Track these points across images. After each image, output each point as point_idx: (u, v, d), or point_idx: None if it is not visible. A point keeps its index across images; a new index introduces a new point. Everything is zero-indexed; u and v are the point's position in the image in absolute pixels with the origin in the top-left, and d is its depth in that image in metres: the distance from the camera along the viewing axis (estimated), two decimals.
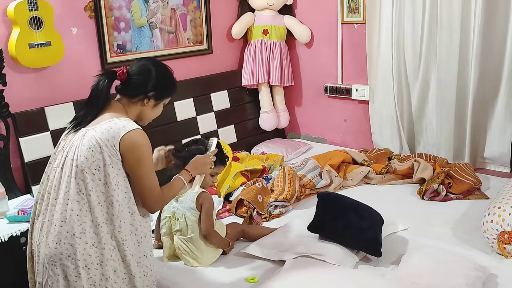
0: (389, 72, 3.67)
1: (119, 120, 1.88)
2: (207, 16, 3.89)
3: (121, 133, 1.83)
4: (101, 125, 1.86)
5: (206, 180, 2.38)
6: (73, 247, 1.79)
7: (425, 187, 3.07)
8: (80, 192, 1.81)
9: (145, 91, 1.97)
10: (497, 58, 3.23)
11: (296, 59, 4.29)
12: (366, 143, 4.01)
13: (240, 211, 2.90)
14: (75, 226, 1.80)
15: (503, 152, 3.36)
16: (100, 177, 1.82)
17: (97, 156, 1.81)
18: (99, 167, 1.82)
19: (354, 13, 3.83)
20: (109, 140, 1.82)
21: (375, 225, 2.43)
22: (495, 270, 2.21)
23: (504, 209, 2.35)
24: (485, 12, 3.14)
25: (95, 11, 3.19)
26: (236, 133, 4.09)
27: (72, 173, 1.82)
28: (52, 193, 1.86)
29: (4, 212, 2.50)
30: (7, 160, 2.80)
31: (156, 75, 1.99)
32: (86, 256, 1.81)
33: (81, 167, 1.81)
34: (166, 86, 2.04)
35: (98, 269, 1.82)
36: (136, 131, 1.86)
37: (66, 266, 1.80)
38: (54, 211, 1.83)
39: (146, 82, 1.97)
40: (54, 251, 1.80)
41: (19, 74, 2.90)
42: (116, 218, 1.84)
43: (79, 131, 1.90)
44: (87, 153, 1.82)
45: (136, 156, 1.85)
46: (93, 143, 1.82)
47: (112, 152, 1.82)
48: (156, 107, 2.04)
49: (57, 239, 1.80)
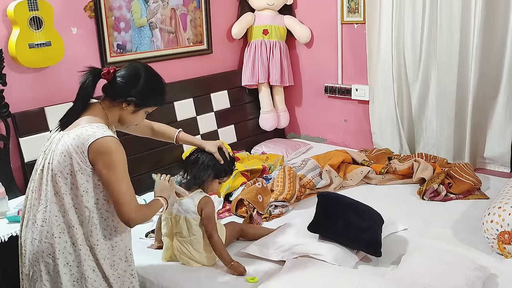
0: (389, 72, 3.67)
1: (90, 127, 1.84)
2: (207, 16, 3.89)
3: (90, 140, 1.80)
4: (74, 130, 1.86)
5: (212, 186, 2.43)
6: (53, 246, 1.85)
7: (425, 187, 3.07)
8: (57, 194, 1.85)
9: (126, 95, 1.92)
10: (497, 58, 3.23)
11: (296, 59, 4.29)
12: (366, 143, 4.01)
13: (240, 211, 2.90)
14: (53, 227, 1.85)
15: (503, 152, 3.36)
16: (73, 181, 1.84)
17: (68, 161, 1.83)
18: (70, 172, 1.83)
19: (354, 13, 3.83)
20: (78, 146, 1.81)
21: (375, 225, 2.43)
22: (495, 270, 2.21)
23: (504, 209, 2.35)
24: (485, 12, 3.15)
25: (95, 11, 3.19)
26: (236, 133, 4.09)
27: (49, 176, 1.85)
28: (34, 192, 1.90)
29: (4, 212, 2.50)
30: (7, 160, 2.80)
31: (142, 82, 1.94)
32: (66, 254, 1.86)
33: (55, 170, 1.84)
34: (149, 95, 1.97)
35: (77, 268, 1.88)
36: (106, 138, 1.81)
37: (47, 263, 1.86)
38: (36, 211, 1.88)
39: (130, 87, 1.92)
40: (36, 248, 1.87)
41: (19, 74, 2.90)
42: (88, 223, 1.87)
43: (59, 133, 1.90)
44: (60, 157, 1.84)
45: (106, 162, 1.81)
46: (65, 149, 1.83)
47: (81, 159, 1.82)
48: (136, 114, 1.98)
49: (39, 238, 1.86)
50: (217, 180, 2.45)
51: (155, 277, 2.30)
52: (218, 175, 2.42)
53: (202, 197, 2.35)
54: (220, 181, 2.47)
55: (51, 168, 1.85)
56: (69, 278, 1.87)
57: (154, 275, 2.32)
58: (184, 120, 3.66)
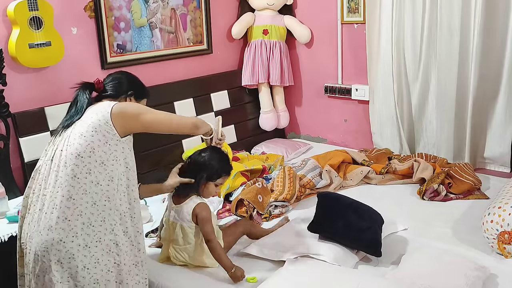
0: (389, 72, 3.67)
1: (102, 103, 2.01)
2: (207, 16, 3.89)
3: (107, 109, 1.93)
4: (86, 114, 1.97)
5: (208, 189, 2.36)
6: (65, 230, 1.83)
7: (425, 187, 3.07)
8: (75, 177, 1.86)
9: (124, 91, 2.15)
10: (497, 58, 3.23)
11: (296, 59, 4.29)
12: (366, 143, 4.01)
13: (240, 211, 2.89)
14: (67, 211, 1.84)
15: (503, 152, 3.36)
16: (96, 159, 1.88)
17: (89, 139, 1.88)
18: (93, 149, 1.88)
19: (354, 13, 3.83)
20: (100, 120, 1.91)
21: (375, 225, 2.43)
22: (495, 270, 2.21)
23: (504, 209, 2.35)
24: (485, 12, 3.15)
25: (95, 11, 3.19)
26: (236, 133, 4.09)
27: (63, 162, 1.88)
28: (42, 184, 1.92)
29: (4, 212, 2.49)
30: (7, 160, 2.80)
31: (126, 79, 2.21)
32: (84, 236, 1.85)
33: (75, 153, 1.87)
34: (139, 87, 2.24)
35: (98, 246, 1.87)
36: (120, 103, 2.02)
37: (58, 250, 1.83)
38: (45, 200, 1.88)
39: (121, 85, 2.17)
40: (46, 237, 1.84)
41: (19, 74, 2.90)
42: (117, 192, 1.91)
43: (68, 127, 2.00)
44: (80, 139, 1.89)
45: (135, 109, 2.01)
46: (84, 130, 1.90)
47: (107, 129, 1.90)
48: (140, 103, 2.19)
49: (48, 226, 1.84)
50: (212, 183, 2.35)
51: (154, 277, 2.30)
52: (210, 177, 2.33)
53: (196, 204, 2.29)
54: (216, 184, 2.36)
55: (66, 153, 1.88)
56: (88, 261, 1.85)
57: (153, 275, 2.32)
58: None
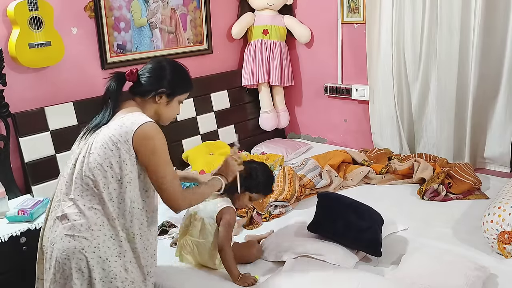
0: (389, 72, 3.67)
1: (131, 115, 1.88)
2: (207, 16, 3.89)
3: (133, 127, 1.83)
4: (114, 121, 1.88)
5: (243, 199, 2.37)
6: (88, 240, 1.79)
7: (425, 187, 3.07)
8: (95, 188, 1.82)
9: (155, 88, 1.95)
10: (497, 58, 3.23)
11: (296, 59, 4.29)
12: (366, 143, 4.01)
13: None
14: (91, 220, 1.80)
15: (503, 152, 3.36)
16: (113, 174, 1.82)
17: (109, 153, 1.82)
18: (111, 164, 1.82)
19: (354, 13, 3.83)
20: (122, 136, 1.83)
21: (375, 225, 2.43)
22: (495, 270, 2.21)
23: (504, 209, 2.35)
24: (485, 12, 3.14)
25: (95, 11, 3.19)
26: (236, 133, 4.08)
27: (84, 169, 1.83)
28: (64, 188, 1.87)
29: (4, 212, 2.50)
30: (7, 160, 2.79)
31: (167, 72, 1.99)
32: (105, 248, 1.81)
33: (94, 164, 1.82)
34: (177, 83, 2.02)
35: (117, 261, 1.84)
36: (148, 124, 1.85)
37: (79, 259, 1.79)
38: (66, 206, 1.83)
39: (156, 79, 1.96)
40: (68, 244, 1.80)
41: (19, 74, 2.90)
42: (128, 214, 1.86)
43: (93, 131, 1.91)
44: (100, 150, 1.82)
45: (151, 148, 1.84)
46: (105, 140, 1.83)
47: (126, 148, 1.82)
48: (170, 105, 2.02)
49: (71, 233, 1.80)
50: (248, 194, 2.35)
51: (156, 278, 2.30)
52: (251, 188, 2.34)
53: (225, 206, 2.27)
54: (251, 196, 2.37)
55: (86, 162, 1.83)
56: (105, 274, 1.82)
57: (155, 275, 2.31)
58: (184, 120, 3.66)
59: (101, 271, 1.82)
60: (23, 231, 2.39)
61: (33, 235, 2.39)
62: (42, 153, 2.91)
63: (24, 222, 2.44)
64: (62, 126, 3.01)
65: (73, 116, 3.06)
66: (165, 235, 2.71)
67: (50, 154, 2.95)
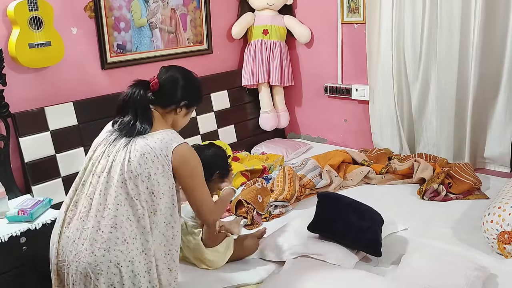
0: (389, 72, 3.67)
1: (170, 132, 1.91)
2: (207, 16, 3.89)
3: (173, 144, 1.85)
4: (151, 134, 1.87)
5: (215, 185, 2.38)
6: (123, 253, 1.74)
7: (425, 187, 3.07)
8: (134, 197, 1.78)
9: (177, 101, 1.99)
10: (497, 58, 3.23)
11: (296, 59, 4.29)
12: (366, 143, 4.01)
13: (240, 211, 2.90)
14: (126, 232, 1.76)
15: (503, 152, 3.36)
16: (148, 186, 1.80)
17: (150, 164, 1.80)
18: (149, 175, 1.80)
19: (354, 13, 3.83)
20: (162, 149, 1.83)
21: (375, 225, 2.43)
22: (495, 270, 2.21)
23: (504, 209, 2.35)
24: (485, 12, 3.14)
25: (95, 11, 3.19)
26: (236, 133, 4.09)
27: (124, 177, 1.79)
28: (96, 198, 1.80)
29: (4, 212, 2.49)
30: (7, 160, 2.79)
31: (184, 84, 2.01)
32: (137, 263, 1.76)
33: (135, 172, 1.79)
34: (194, 94, 2.06)
35: (146, 277, 1.79)
36: (186, 144, 1.91)
37: (113, 274, 1.74)
38: (101, 217, 1.77)
39: (177, 92, 1.99)
40: (101, 259, 1.73)
41: (19, 74, 2.90)
42: (155, 227, 1.82)
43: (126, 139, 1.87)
44: (141, 159, 1.80)
45: (190, 169, 1.89)
46: (147, 150, 1.81)
47: (165, 162, 1.82)
48: (186, 116, 2.07)
49: (106, 246, 1.74)
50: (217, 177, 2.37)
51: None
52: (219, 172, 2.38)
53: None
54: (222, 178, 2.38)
55: (127, 170, 1.79)
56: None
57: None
58: None
59: (132, 286, 1.77)
60: (23, 231, 2.38)
61: (33, 235, 2.39)
62: (42, 153, 2.91)
63: (24, 222, 2.44)
64: (62, 126, 3.01)
65: (73, 116, 3.06)
66: None
67: (50, 154, 2.95)
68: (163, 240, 1.85)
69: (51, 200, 2.62)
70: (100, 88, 3.27)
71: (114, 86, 3.30)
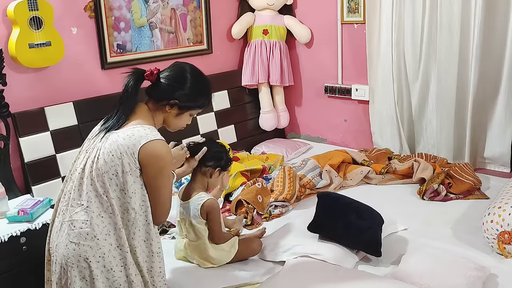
0: (389, 72, 3.67)
1: (142, 128, 1.83)
2: (207, 16, 3.89)
3: (141, 141, 1.78)
4: (124, 130, 1.83)
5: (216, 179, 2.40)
6: (93, 249, 1.76)
7: (425, 187, 3.07)
8: (101, 194, 1.78)
9: (169, 97, 1.91)
10: (497, 58, 3.23)
11: (296, 59, 4.29)
12: (366, 143, 4.01)
13: (240, 211, 2.89)
14: (97, 228, 1.77)
15: (503, 152, 3.36)
16: (117, 183, 1.79)
17: (116, 161, 1.78)
18: (116, 173, 1.78)
19: (354, 13, 3.83)
20: (129, 147, 1.78)
21: (375, 225, 2.43)
22: (495, 270, 2.21)
23: (504, 209, 2.35)
24: (485, 12, 3.14)
25: (95, 11, 3.19)
26: (236, 133, 4.09)
27: (93, 175, 1.79)
28: (72, 193, 1.82)
29: (4, 212, 2.50)
30: (7, 160, 2.80)
31: (188, 84, 1.94)
32: (110, 258, 1.78)
33: (101, 170, 1.78)
34: (193, 97, 1.97)
35: (122, 271, 1.80)
36: (157, 141, 1.80)
37: (84, 268, 1.77)
38: (73, 212, 1.79)
39: (174, 89, 1.91)
40: (72, 252, 1.77)
41: (19, 74, 2.90)
42: (132, 225, 1.82)
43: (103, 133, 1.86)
44: (107, 157, 1.78)
45: (157, 168, 1.82)
46: (113, 148, 1.79)
47: (131, 160, 1.78)
48: (180, 117, 1.98)
49: (76, 241, 1.77)
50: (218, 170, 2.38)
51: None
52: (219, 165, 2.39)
53: (204, 200, 2.29)
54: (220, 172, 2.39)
55: (95, 167, 1.78)
56: (109, 284, 1.79)
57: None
58: None
59: (105, 281, 1.79)
60: (23, 231, 2.39)
61: (33, 235, 2.39)
62: (42, 153, 2.91)
63: (24, 222, 2.44)
64: (62, 126, 3.01)
65: (73, 116, 3.06)
66: (165, 234, 2.72)
67: (50, 154, 2.95)
68: (144, 237, 1.85)
69: (51, 200, 2.62)
70: (100, 88, 3.27)
71: (114, 86, 3.30)
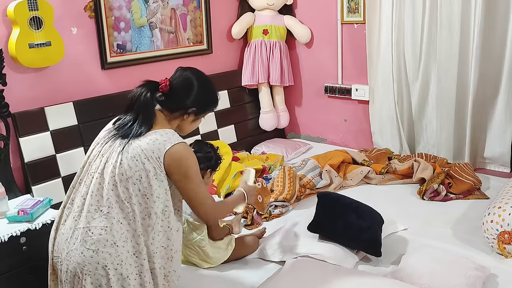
0: (389, 72, 3.67)
1: (164, 132, 1.84)
2: (207, 16, 3.89)
3: (166, 145, 1.79)
4: (147, 135, 1.82)
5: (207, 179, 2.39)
6: (112, 256, 1.74)
7: (425, 187, 3.07)
8: (125, 200, 1.77)
9: (185, 107, 1.94)
10: (497, 58, 3.23)
11: (296, 59, 4.29)
12: (366, 143, 4.01)
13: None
14: (116, 235, 1.75)
15: (503, 152, 3.36)
16: (140, 188, 1.78)
17: (140, 166, 1.77)
18: (140, 177, 1.77)
19: (354, 13, 3.83)
20: (154, 151, 1.78)
21: (375, 225, 2.43)
22: (495, 270, 2.21)
23: (504, 209, 2.35)
24: (485, 12, 3.14)
25: (95, 11, 3.19)
26: (236, 133, 4.09)
27: (115, 180, 1.77)
28: (88, 199, 1.80)
29: (4, 212, 2.49)
30: (7, 160, 2.79)
31: (198, 90, 1.95)
32: (127, 266, 1.76)
33: (125, 175, 1.77)
34: (206, 102, 2.01)
35: (137, 280, 1.78)
36: (180, 144, 1.82)
37: (101, 275, 1.74)
38: (91, 217, 1.77)
39: (187, 97, 1.94)
40: (90, 259, 1.74)
41: (19, 74, 2.90)
42: (151, 230, 1.79)
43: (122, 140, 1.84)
44: (131, 162, 1.77)
45: (184, 171, 1.82)
46: (138, 153, 1.78)
47: (156, 164, 1.78)
48: (194, 122, 2.02)
49: (95, 248, 1.74)
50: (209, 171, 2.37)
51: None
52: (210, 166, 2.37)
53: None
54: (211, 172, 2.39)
55: (118, 172, 1.77)
56: None
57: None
58: None
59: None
60: (23, 231, 2.39)
61: (33, 235, 2.39)
62: (42, 153, 2.91)
63: (24, 222, 2.44)
64: (62, 126, 3.01)
65: (73, 116, 3.06)
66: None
67: (50, 154, 2.95)
68: (163, 243, 1.83)
69: (51, 200, 2.62)
70: (100, 88, 3.27)
71: (114, 86, 3.30)
